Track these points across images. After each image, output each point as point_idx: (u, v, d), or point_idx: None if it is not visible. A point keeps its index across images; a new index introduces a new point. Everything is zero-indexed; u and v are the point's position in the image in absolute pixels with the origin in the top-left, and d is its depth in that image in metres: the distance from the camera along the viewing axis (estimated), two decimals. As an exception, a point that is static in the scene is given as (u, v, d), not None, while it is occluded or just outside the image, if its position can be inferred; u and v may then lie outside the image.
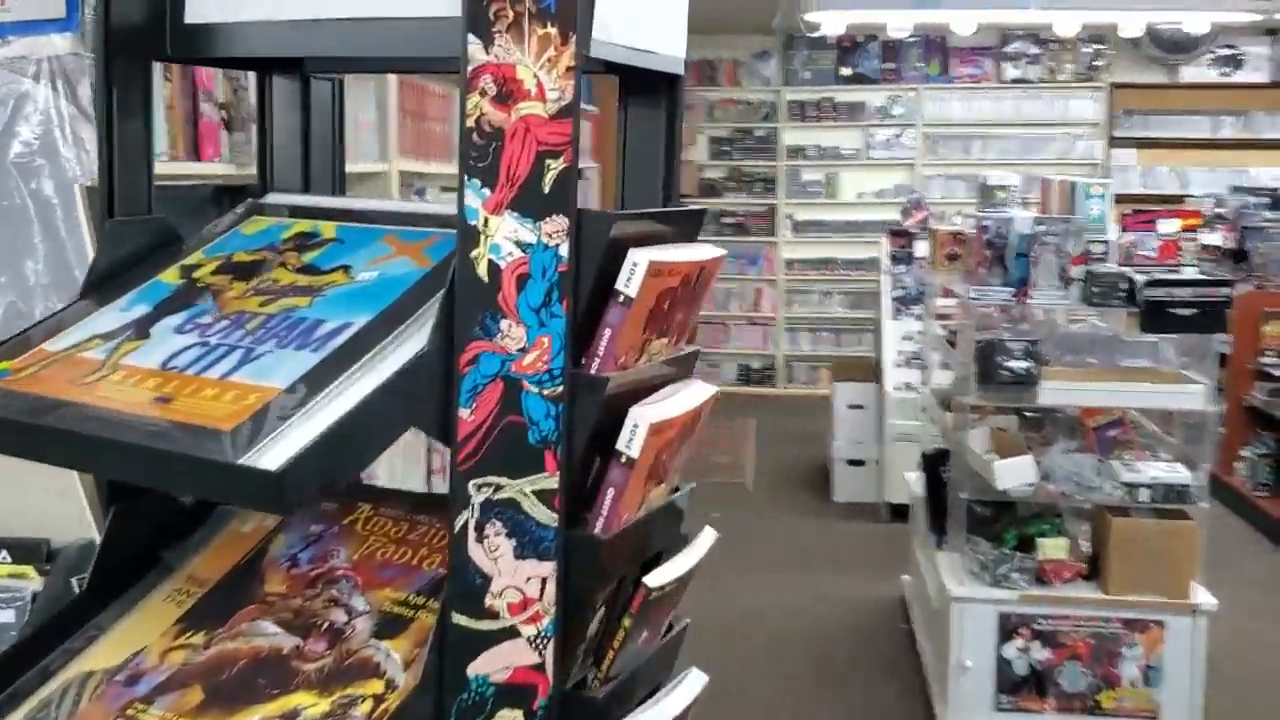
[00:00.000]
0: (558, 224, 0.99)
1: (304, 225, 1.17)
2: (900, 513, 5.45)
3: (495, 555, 1.00)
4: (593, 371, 1.02)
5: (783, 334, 9.62)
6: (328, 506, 1.19)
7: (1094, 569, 3.72)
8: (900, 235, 6.54)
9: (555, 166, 0.99)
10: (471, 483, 0.99)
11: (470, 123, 0.97)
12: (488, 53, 0.96)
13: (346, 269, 1.09)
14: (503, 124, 0.97)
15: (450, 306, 0.98)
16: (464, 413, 0.99)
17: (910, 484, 4.86)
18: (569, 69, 0.97)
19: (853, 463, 6.48)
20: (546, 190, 0.98)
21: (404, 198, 2.93)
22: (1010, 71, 9.26)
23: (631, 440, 1.03)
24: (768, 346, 9.66)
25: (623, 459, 1.04)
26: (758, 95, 9.55)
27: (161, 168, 1.48)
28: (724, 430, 8.13)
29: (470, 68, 0.97)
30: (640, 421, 1.03)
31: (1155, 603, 3.63)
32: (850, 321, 9.54)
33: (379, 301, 1.03)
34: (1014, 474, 3.59)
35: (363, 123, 2.74)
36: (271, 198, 1.27)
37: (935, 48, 9.36)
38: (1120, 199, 8.97)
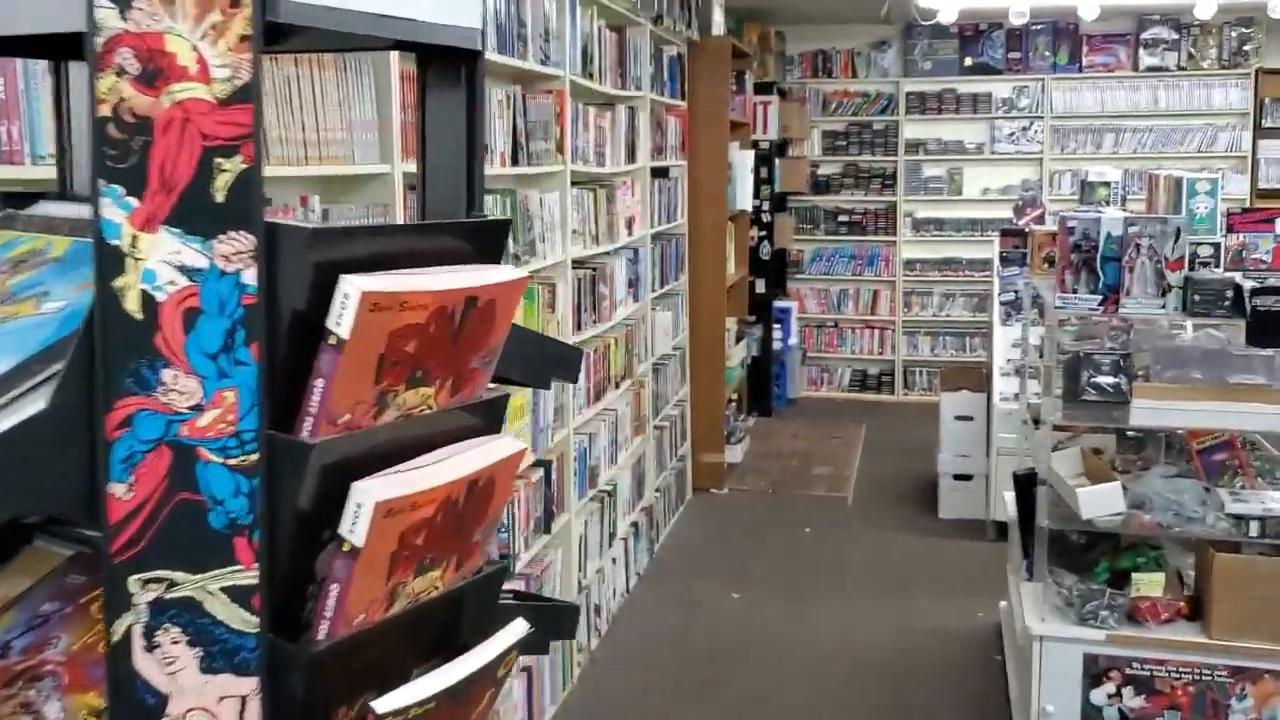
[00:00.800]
0: (238, 243, 0.76)
1: (37, 242, 0.97)
2: (1007, 533, 5.05)
3: (172, 669, 0.78)
4: (303, 434, 0.79)
5: (901, 338, 9.19)
6: (74, 580, 0.99)
7: (1196, 609, 3.31)
8: (1012, 235, 6.08)
9: (230, 168, 0.76)
10: (133, 578, 0.77)
11: (105, 111, 0.75)
12: (124, 18, 0.74)
13: (40, 297, 0.88)
14: (150, 112, 0.75)
15: (89, 352, 0.76)
16: (117, 489, 0.77)
17: (1006, 504, 4.47)
18: (243, 39, 0.74)
19: (959, 478, 6.07)
20: (219, 199, 0.75)
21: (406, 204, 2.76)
22: (1146, 59, 8.63)
23: (355, 524, 0.80)
24: (885, 351, 9.25)
25: (345, 547, 0.80)
26: (875, 87, 9.15)
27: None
28: (828, 440, 7.77)
29: (100, 40, 0.74)
30: (364, 500, 0.80)
31: (1268, 650, 3.20)
32: (973, 325, 9.05)
33: (35, 342, 0.82)
34: (1098, 503, 3.21)
35: (360, 122, 2.56)
36: (39, 206, 1.07)
37: (1064, 35, 8.79)
38: (1263, 194, 8.30)
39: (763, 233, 8.25)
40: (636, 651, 4.50)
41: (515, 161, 3.51)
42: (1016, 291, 5.87)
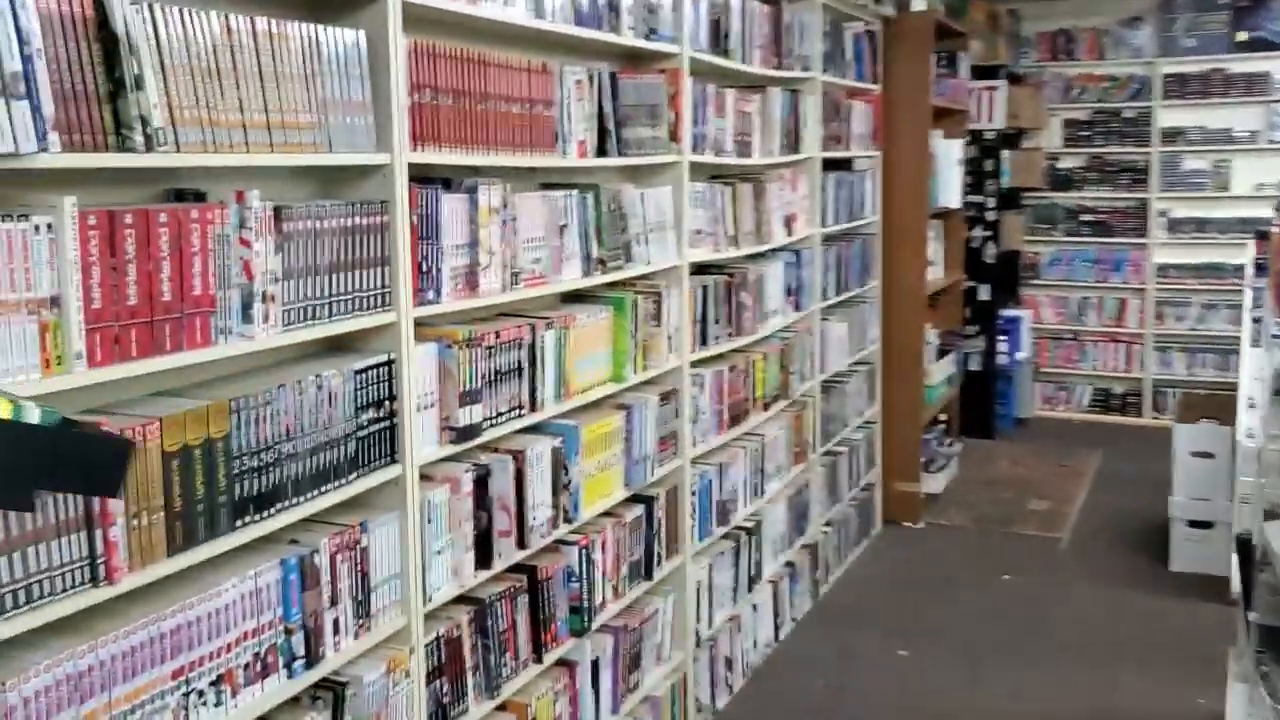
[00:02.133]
0: None
1: None
2: (1239, 601, 4.14)
3: None
4: None
5: (1151, 353, 8.08)
6: None
7: None
8: (1268, 239, 5.08)
9: None
10: None
11: None
12: None
13: None
14: None
15: None
16: None
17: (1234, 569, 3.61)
18: None
19: (1195, 524, 5.13)
20: None
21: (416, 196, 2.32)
22: None
23: None
24: (1132, 368, 8.16)
25: None
26: (1126, 69, 8.08)
27: None
28: (1053, 469, 6.86)
29: None
30: None
31: None
32: (1237, 341, 7.84)
33: None
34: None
35: (350, 102, 2.14)
36: None
37: (1365, -1, 7.47)
38: None
39: (987, 233, 7.41)
40: (770, 713, 3.91)
41: (603, 152, 3.02)
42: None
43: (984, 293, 7.46)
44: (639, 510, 3.28)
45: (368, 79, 2.20)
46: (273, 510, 2.01)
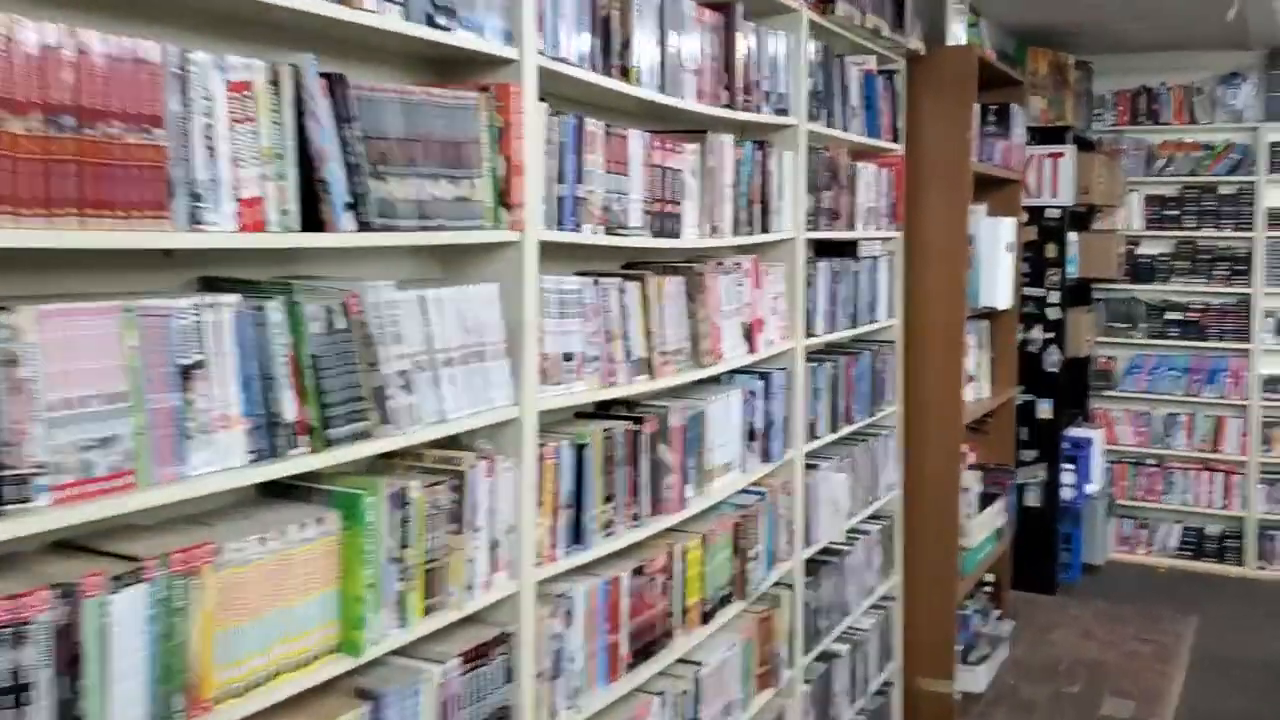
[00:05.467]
0: None
1: None
2: None
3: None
4: None
5: (1255, 486, 6.47)
6: None
7: None
8: None
9: None
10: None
11: None
12: None
13: None
14: None
15: None
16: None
17: None
18: None
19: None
20: None
21: None
22: None
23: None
24: (1232, 503, 6.54)
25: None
26: (1224, 135, 6.59)
27: None
28: (1135, 645, 5.25)
29: None
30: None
31: None
32: (1371, 474, 6.24)
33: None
34: None
35: None
36: None
37: None
38: None
39: (1049, 334, 5.91)
40: None
41: (315, 222, 1.61)
42: None
43: (1044, 409, 5.93)
44: None
45: None
46: None
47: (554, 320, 2.14)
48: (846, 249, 3.76)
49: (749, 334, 2.97)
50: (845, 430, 3.64)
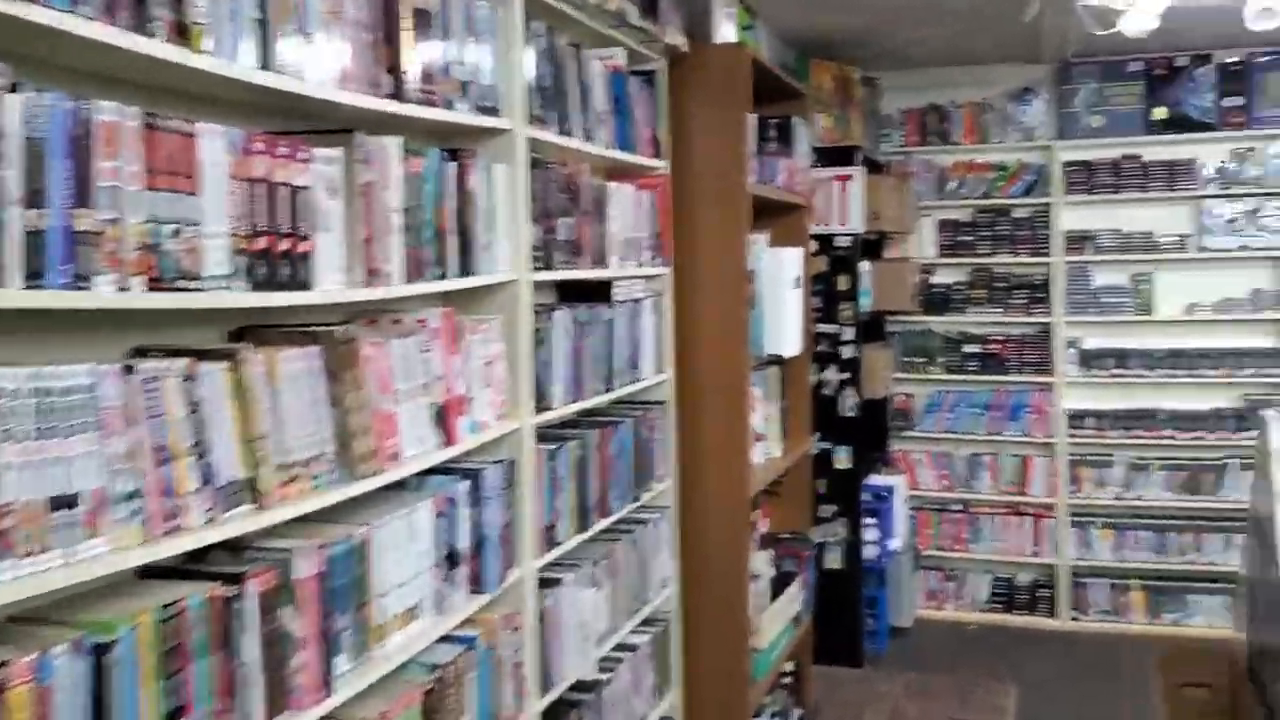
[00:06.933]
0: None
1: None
2: None
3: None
4: None
5: (1067, 530, 6.01)
6: None
7: None
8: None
9: None
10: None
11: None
12: None
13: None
14: None
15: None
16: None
17: None
18: None
19: None
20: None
21: None
22: None
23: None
24: (1043, 550, 6.07)
25: None
26: (1015, 155, 6.16)
27: None
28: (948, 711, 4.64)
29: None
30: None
31: None
32: (1185, 513, 5.86)
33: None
34: None
35: None
36: None
37: (1315, 65, 5.71)
38: None
39: (844, 375, 5.28)
40: None
41: None
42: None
43: (843, 458, 5.31)
44: None
45: None
46: None
47: (21, 445, 1.24)
48: (598, 292, 2.97)
49: (443, 419, 2.12)
50: (601, 525, 2.83)
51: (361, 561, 1.86)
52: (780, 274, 3.68)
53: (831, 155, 5.22)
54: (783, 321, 3.68)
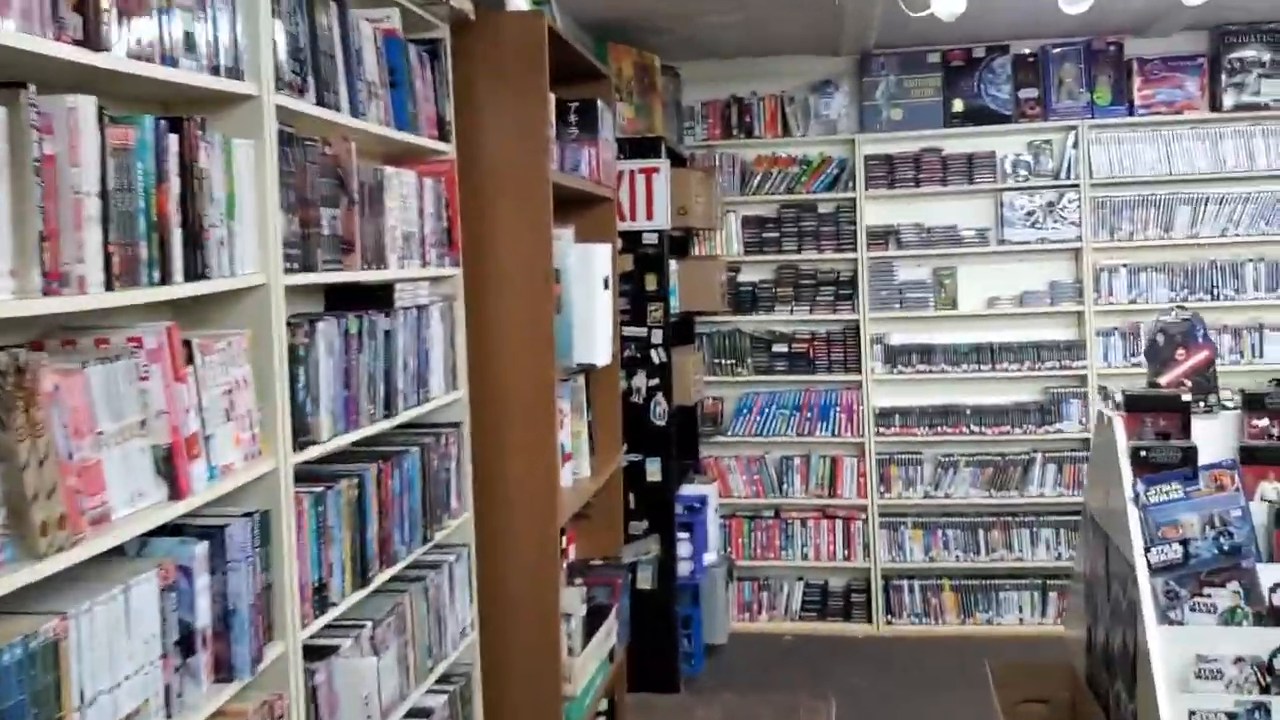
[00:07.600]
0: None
1: None
2: None
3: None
4: None
5: (877, 533, 5.87)
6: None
7: None
8: (1151, 408, 2.85)
9: None
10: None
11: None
12: None
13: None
14: None
15: None
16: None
17: None
18: None
19: None
20: None
21: None
22: (1231, 96, 5.59)
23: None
24: (854, 554, 5.91)
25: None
26: (818, 149, 5.98)
27: None
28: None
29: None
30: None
31: None
32: (992, 510, 5.79)
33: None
34: None
35: None
36: None
37: (1106, 61, 5.74)
38: None
39: (653, 381, 4.96)
40: None
41: None
42: (1187, 544, 2.72)
43: (654, 470, 4.98)
44: None
45: None
46: None
47: None
48: (375, 298, 2.51)
49: (169, 465, 1.63)
50: (385, 575, 2.37)
51: (52, 666, 1.38)
52: (589, 273, 3.29)
53: (635, 147, 4.88)
54: (593, 327, 3.29)
